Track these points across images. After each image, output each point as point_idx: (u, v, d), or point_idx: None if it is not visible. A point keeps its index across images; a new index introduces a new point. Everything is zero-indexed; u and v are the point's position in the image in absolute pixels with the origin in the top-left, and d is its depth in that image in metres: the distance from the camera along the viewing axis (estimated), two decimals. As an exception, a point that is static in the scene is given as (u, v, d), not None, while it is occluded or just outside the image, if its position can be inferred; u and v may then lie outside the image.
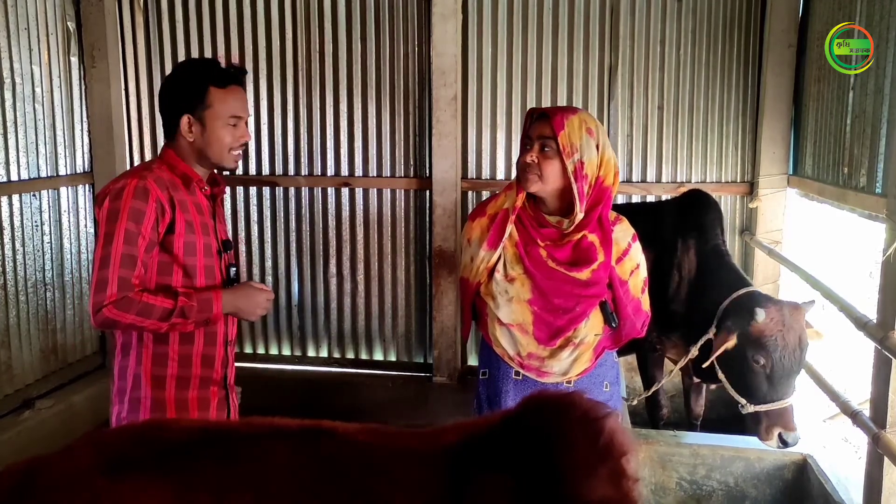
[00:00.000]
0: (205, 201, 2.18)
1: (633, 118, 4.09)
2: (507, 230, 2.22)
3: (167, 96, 2.15)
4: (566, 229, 2.18)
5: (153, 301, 1.96)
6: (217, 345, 2.16)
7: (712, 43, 4.00)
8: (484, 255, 2.24)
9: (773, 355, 2.69)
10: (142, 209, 1.98)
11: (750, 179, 4.07)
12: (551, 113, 2.12)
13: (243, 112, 2.15)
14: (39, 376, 3.83)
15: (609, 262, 2.20)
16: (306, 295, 4.39)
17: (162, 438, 1.28)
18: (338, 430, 1.35)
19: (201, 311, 2.02)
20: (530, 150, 2.14)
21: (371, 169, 4.24)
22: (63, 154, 4.02)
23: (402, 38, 4.12)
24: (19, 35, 3.67)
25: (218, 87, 2.10)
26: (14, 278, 3.68)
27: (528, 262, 2.20)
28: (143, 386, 2.07)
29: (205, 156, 2.13)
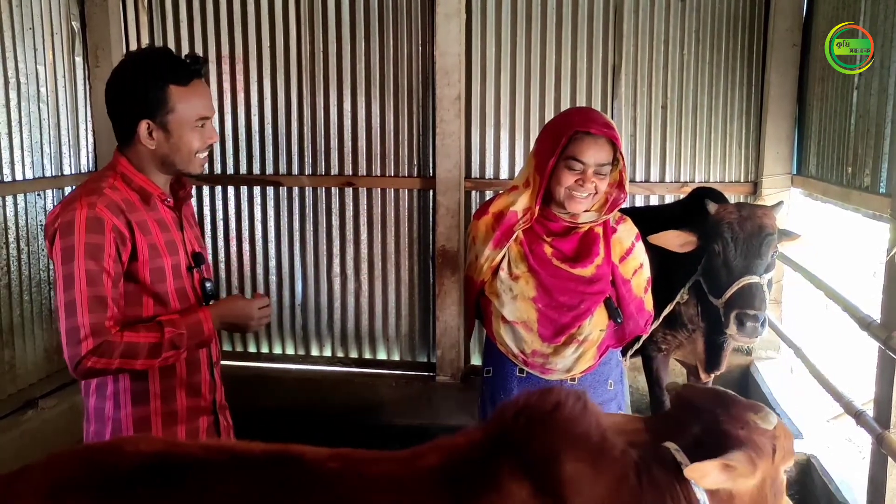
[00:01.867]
0: (168, 214, 1.93)
1: (636, 117, 4.08)
2: (515, 234, 2.22)
3: (119, 98, 1.88)
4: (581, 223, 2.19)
5: (137, 339, 1.74)
6: (202, 371, 1.97)
7: (716, 42, 3.99)
8: (489, 254, 2.25)
9: (727, 238, 2.75)
10: (99, 243, 1.73)
11: (754, 179, 4.06)
12: (607, 135, 2.09)
13: (209, 111, 1.90)
14: (43, 376, 3.84)
15: (610, 257, 2.21)
16: (310, 294, 4.39)
17: (111, 464, 1.22)
18: (305, 456, 1.26)
19: (192, 336, 1.82)
20: (583, 175, 2.09)
21: (375, 168, 4.24)
22: (67, 154, 4.03)
23: (406, 37, 4.12)
24: (24, 35, 3.68)
25: (179, 85, 1.83)
26: (18, 278, 3.69)
27: (533, 260, 2.20)
28: (124, 430, 1.87)
29: (169, 163, 1.88)
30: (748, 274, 2.70)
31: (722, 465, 1.26)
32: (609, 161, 2.11)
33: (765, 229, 2.76)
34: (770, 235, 2.75)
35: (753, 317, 2.62)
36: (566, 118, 2.22)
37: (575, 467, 1.23)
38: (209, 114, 1.90)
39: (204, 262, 2.02)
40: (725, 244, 2.76)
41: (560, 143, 2.10)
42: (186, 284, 1.93)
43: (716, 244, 2.78)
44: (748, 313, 2.63)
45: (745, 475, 1.29)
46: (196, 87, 1.86)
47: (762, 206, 2.93)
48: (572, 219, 2.19)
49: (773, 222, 2.81)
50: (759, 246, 2.73)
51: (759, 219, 2.79)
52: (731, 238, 2.76)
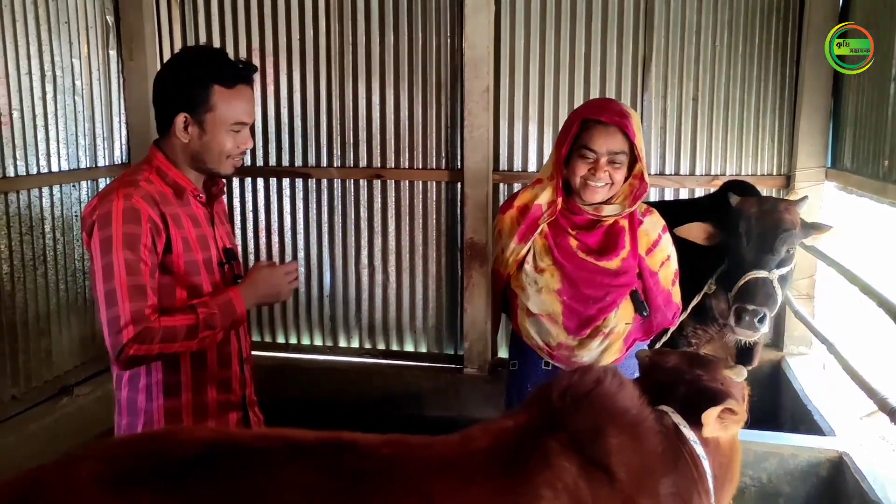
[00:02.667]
0: (201, 210, 1.95)
1: (666, 110, 4.04)
2: (540, 227, 2.22)
3: (164, 89, 1.92)
4: (606, 216, 2.18)
5: (173, 322, 1.77)
6: (232, 365, 1.99)
7: (749, 33, 3.93)
8: (514, 248, 2.25)
9: (741, 232, 2.73)
10: (136, 233, 1.76)
11: (786, 172, 4.00)
12: (618, 124, 2.07)
13: (249, 117, 1.92)
14: (78, 363, 3.92)
15: (636, 250, 2.21)
16: (338, 286, 4.42)
17: (168, 452, 1.23)
18: (358, 443, 1.29)
19: (225, 315, 1.84)
20: (595, 164, 2.09)
21: (403, 161, 4.25)
22: (102, 146, 4.09)
23: (435, 29, 4.12)
24: (60, 29, 3.74)
25: (224, 86, 1.85)
26: (55, 267, 3.76)
27: (558, 253, 2.20)
28: (155, 422, 1.89)
29: (200, 160, 1.91)
30: (757, 268, 2.68)
31: (725, 409, 1.40)
32: (623, 150, 2.10)
33: (782, 225, 2.72)
34: (786, 231, 2.71)
35: (752, 311, 2.60)
36: (580, 108, 2.22)
37: (619, 440, 1.32)
38: (247, 120, 1.92)
39: (235, 258, 2.04)
40: (739, 238, 2.75)
41: (571, 133, 2.12)
42: (218, 280, 1.95)
43: (733, 237, 2.76)
44: (747, 308, 2.61)
45: (741, 419, 1.44)
46: (240, 92, 1.88)
47: (785, 201, 2.90)
48: (596, 211, 2.19)
49: (793, 218, 2.76)
50: (773, 241, 2.69)
51: (779, 213, 2.76)
52: (745, 231, 2.74)
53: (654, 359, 1.59)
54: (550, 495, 1.24)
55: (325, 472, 1.21)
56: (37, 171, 3.63)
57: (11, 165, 3.47)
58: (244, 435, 1.32)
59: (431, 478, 1.25)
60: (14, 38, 3.45)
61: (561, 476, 1.26)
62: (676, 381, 1.49)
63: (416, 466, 1.26)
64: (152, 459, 1.20)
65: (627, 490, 1.29)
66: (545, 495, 1.24)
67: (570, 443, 1.30)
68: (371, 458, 1.26)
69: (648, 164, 4.06)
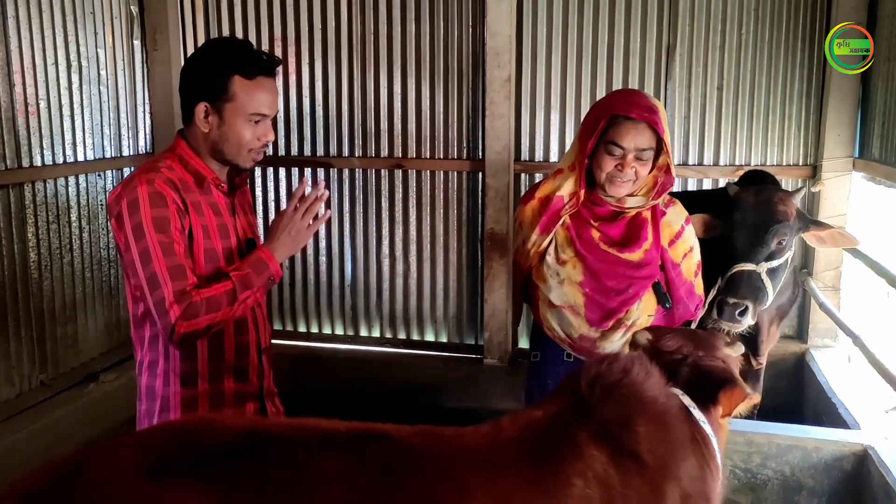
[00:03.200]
0: (222, 199, 1.96)
1: (690, 99, 3.99)
2: (562, 219, 2.21)
3: (187, 78, 1.93)
4: (629, 208, 2.17)
5: (213, 292, 1.79)
6: (250, 355, 2.00)
7: (776, 20, 3.87)
8: (536, 239, 2.24)
9: (734, 222, 2.72)
10: (164, 216, 1.79)
11: (813, 162, 3.94)
12: (648, 120, 2.05)
13: (270, 109, 1.91)
14: (104, 350, 3.98)
15: (659, 241, 2.20)
16: (359, 275, 4.44)
17: (206, 441, 1.24)
18: (391, 434, 1.30)
19: (258, 272, 1.86)
20: (623, 160, 2.08)
21: (424, 150, 4.25)
22: (126, 135, 4.13)
23: (457, 18, 4.10)
24: (85, 19, 3.77)
25: (244, 77, 1.85)
26: (80, 255, 3.81)
27: (580, 244, 2.19)
28: (172, 408, 1.92)
29: (219, 150, 1.91)
30: (745, 261, 2.66)
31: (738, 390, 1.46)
32: (650, 146, 2.09)
33: (774, 216, 2.69)
34: (778, 224, 2.68)
35: (733, 305, 2.58)
36: (608, 101, 2.20)
37: (648, 429, 1.35)
38: (267, 112, 1.91)
39: (255, 248, 2.03)
40: (732, 225, 2.72)
41: (599, 127, 2.09)
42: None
43: (727, 227, 2.74)
44: (728, 301, 2.59)
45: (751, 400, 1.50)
46: (260, 83, 1.88)
47: (781, 192, 2.85)
48: (619, 203, 2.17)
49: (787, 209, 2.72)
50: (764, 233, 2.66)
51: (772, 205, 2.72)
52: (739, 221, 2.71)
53: (654, 341, 1.62)
54: (581, 484, 1.26)
55: (361, 463, 1.23)
56: (63, 160, 3.67)
57: (38, 155, 3.52)
58: (279, 425, 1.33)
59: (464, 468, 1.26)
60: (41, 29, 3.49)
61: (591, 465, 1.28)
62: (679, 362, 1.52)
63: (449, 457, 1.28)
64: (192, 448, 1.22)
65: (656, 477, 1.32)
66: (576, 484, 1.26)
67: (600, 432, 1.32)
68: (404, 449, 1.27)
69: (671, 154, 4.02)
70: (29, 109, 3.45)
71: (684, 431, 1.40)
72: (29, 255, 3.48)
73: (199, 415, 1.88)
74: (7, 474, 3.01)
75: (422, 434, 1.32)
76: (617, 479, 1.29)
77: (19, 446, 3.22)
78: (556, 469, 1.27)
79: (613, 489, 1.28)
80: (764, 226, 2.68)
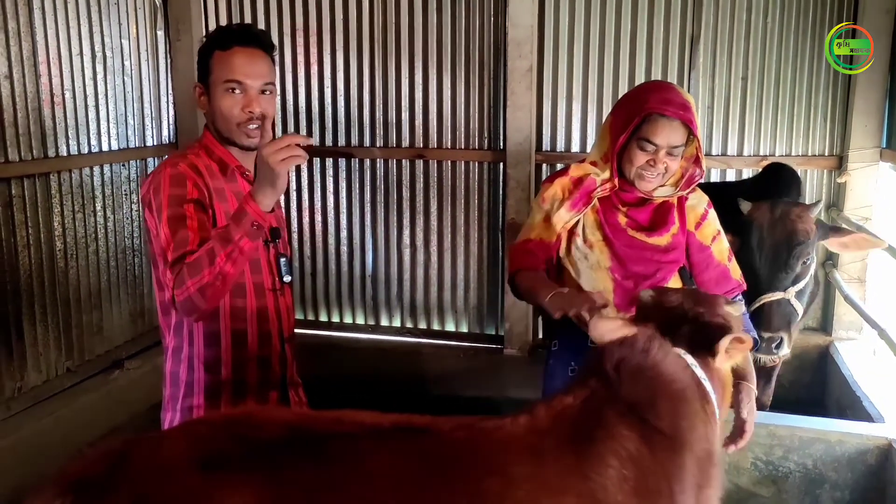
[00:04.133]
0: (247, 187, 1.92)
1: (714, 89, 3.95)
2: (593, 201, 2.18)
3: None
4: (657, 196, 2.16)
5: (194, 257, 1.73)
6: (273, 343, 2.00)
7: (802, 9, 3.81)
8: (565, 216, 2.19)
9: (753, 244, 2.62)
10: (181, 193, 1.81)
11: (839, 153, 3.89)
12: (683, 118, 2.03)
13: (247, 77, 1.86)
14: (128, 338, 4.03)
15: (685, 226, 2.19)
16: (380, 265, 4.45)
17: (254, 435, 1.25)
18: (434, 428, 1.32)
19: (238, 221, 1.71)
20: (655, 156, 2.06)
21: (445, 141, 4.24)
22: (150, 126, 4.17)
23: (478, 9, 4.09)
24: (110, 10, 3.81)
25: (221, 49, 1.88)
26: (105, 244, 3.86)
27: (608, 229, 2.17)
28: (195, 394, 1.94)
29: (217, 129, 1.93)
30: (771, 290, 2.58)
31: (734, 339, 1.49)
32: (682, 143, 2.08)
33: (795, 237, 2.60)
34: (800, 245, 2.59)
35: (768, 339, 2.53)
36: (642, 96, 2.15)
37: (670, 405, 1.40)
38: (243, 80, 1.87)
39: (280, 236, 2.04)
40: (751, 251, 2.62)
41: (633, 123, 2.07)
42: (261, 257, 1.96)
43: (745, 249, 2.63)
44: (762, 335, 2.53)
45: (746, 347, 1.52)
46: (234, 52, 1.88)
47: (798, 207, 2.72)
48: (647, 192, 2.17)
49: (806, 226, 2.64)
50: (787, 257, 2.57)
51: (791, 223, 2.63)
52: (757, 245, 2.61)
53: (657, 298, 1.66)
54: (617, 464, 1.31)
55: (409, 457, 1.25)
56: (88, 150, 3.72)
57: (64, 145, 3.56)
58: (323, 419, 1.33)
59: (508, 459, 1.29)
60: (66, 21, 3.53)
61: (624, 444, 1.33)
62: (681, 319, 1.56)
63: (492, 449, 1.31)
64: (239, 441, 1.22)
65: (679, 450, 1.38)
66: (612, 464, 1.30)
67: (629, 412, 1.37)
68: (448, 442, 1.30)
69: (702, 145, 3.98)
70: (55, 100, 3.49)
71: (697, 401, 1.45)
72: (55, 244, 3.53)
73: (244, 407, 1.87)
74: (34, 459, 3.08)
75: (463, 427, 1.33)
76: (648, 456, 1.33)
77: (46, 432, 3.28)
78: (593, 452, 1.31)
79: (645, 467, 1.33)
80: (786, 250, 2.59)
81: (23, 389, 3.37)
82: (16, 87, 3.26)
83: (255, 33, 1.94)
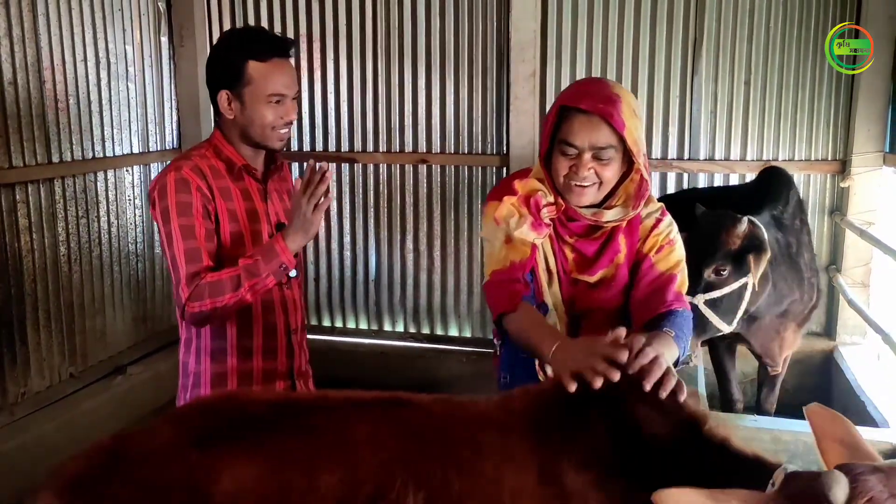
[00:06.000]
0: (254, 185, 2.05)
1: (717, 94, 3.95)
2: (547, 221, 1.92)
3: (209, 70, 2.01)
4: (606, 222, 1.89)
5: (218, 277, 1.86)
6: (278, 336, 2.07)
7: (805, 14, 3.81)
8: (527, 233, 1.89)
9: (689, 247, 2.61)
10: (187, 201, 1.89)
11: (842, 157, 3.89)
12: (601, 112, 1.73)
13: (288, 89, 1.97)
14: (131, 343, 4.03)
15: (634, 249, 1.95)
16: (383, 270, 4.45)
17: (241, 412, 1.30)
18: (413, 401, 1.38)
19: (268, 259, 1.86)
20: (578, 160, 1.78)
21: (448, 146, 4.25)
22: (153, 131, 4.18)
23: (481, 13, 4.09)
24: (114, 16, 3.82)
25: (258, 60, 1.92)
26: (109, 249, 3.86)
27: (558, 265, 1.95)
28: (202, 384, 2.02)
29: (247, 135, 1.99)
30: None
31: None
32: (610, 143, 1.77)
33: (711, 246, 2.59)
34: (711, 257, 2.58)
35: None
36: (564, 92, 1.89)
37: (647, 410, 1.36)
38: (286, 92, 1.97)
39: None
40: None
41: (548, 123, 1.82)
42: None
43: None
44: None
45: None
46: (275, 65, 1.94)
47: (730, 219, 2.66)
48: (596, 217, 1.89)
49: (729, 238, 2.61)
50: (697, 262, 2.52)
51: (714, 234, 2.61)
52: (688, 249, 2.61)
53: None
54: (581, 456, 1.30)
55: (389, 425, 1.31)
56: (92, 155, 3.72)
57: (68, 150, 3.57)
58: (307, 395, 1.47)
59: (479, 432, 1.34)
60: (70, 26, 3.54)
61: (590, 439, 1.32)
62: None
63: (466, 421, 1.36)
64: (227, 419, 1.28)
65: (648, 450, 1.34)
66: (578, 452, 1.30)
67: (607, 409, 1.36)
68: (426, 413, 1.36)
69: (697, 148, 3.99)
70: (58, 105, 3.50)
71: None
72: (59, 249, 3.54)
73: (225, 390, 1.97)
74: (37, 465, 3.08)
75: (441, 401, 1.41)
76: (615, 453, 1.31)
77: (49, 437, 3.28)
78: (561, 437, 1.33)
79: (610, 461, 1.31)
80: (700, 256, 2.57)
81: (26, 395, 3.37)
82: (20, 93, 3.27)
83: (287, 42, 2.00)
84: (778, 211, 3.00)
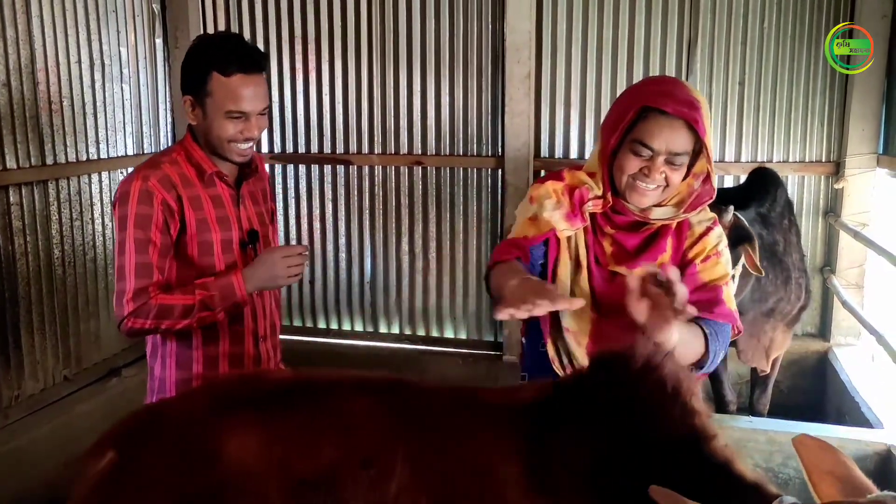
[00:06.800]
0: (226, 191, 2.00)
1: (711, 94, 3.96)
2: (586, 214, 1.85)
3: (181, 74, 1.96)
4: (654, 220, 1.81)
5: (170, 301, 1.86)
6: (245, 343, 2.04)
7: (799, 14, 3.82)
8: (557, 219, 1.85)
9: None
10: (147, 213, 1.87)
11: (836, 159, 3.90)
12: (687, 117, 1.66)
13: (249, 105, 1.89)
14: (125, 346, 4.01)
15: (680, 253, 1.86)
16: (379, 272, 4.45)
17: (262, 384, 1.48)
18: (417, 384, 1.50)
19: (224, 298, 1.89)
20: (651, 162, 1.70)
21: (444, 147, 4.25)
22: (148, 133, 4.17)
23: (476, 14, 4.09)
24: (108, 18, 3.81)
25: (221, 74, 1.86)
26: (104, 252, 3.85)
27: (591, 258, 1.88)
28: (167, 390, 2.02)
29: (208, 143, 1.95)
30: None
31: None
32: (686, 150, 1.71)
33: None
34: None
35: None
36: (640, 87, 1.83)
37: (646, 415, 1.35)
38: (247, 109, 1.90)
39: (258, 239, 2.07)
40: None
41: (626, 120, 1.71)
42: (239, 260, 2.00)
43: None
44: None
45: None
46: (239, 80, 1.87)
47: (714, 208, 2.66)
48: (644, 214, 1.81)
49: None
50: None
51: None
52: None
53: None
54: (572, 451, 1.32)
55: (388, 403, 1.40)
56: (86, 157, 3.71)
57: (62, 152, 3.56)
58: (321, 373, 1.55)
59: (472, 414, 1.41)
60: (64, 28, 3.53)
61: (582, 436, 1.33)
62: None
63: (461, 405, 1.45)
64: (247, 391, 1.43)
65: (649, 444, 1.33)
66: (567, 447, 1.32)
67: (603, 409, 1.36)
68: (427, 396, 1.47)
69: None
70: (52, 107, 3.49)
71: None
72: (53, 251, 3.52)
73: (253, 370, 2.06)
74: (32, 467, 3.07)
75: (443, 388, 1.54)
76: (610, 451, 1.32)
77: (43, 440, 3.27)
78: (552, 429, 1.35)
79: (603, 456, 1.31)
80: None
81: (20, 398, 3.35)
82: (14, 95, 3.26)
83: (255, 58, 1.92)
84: (765, 208, 3.01)
